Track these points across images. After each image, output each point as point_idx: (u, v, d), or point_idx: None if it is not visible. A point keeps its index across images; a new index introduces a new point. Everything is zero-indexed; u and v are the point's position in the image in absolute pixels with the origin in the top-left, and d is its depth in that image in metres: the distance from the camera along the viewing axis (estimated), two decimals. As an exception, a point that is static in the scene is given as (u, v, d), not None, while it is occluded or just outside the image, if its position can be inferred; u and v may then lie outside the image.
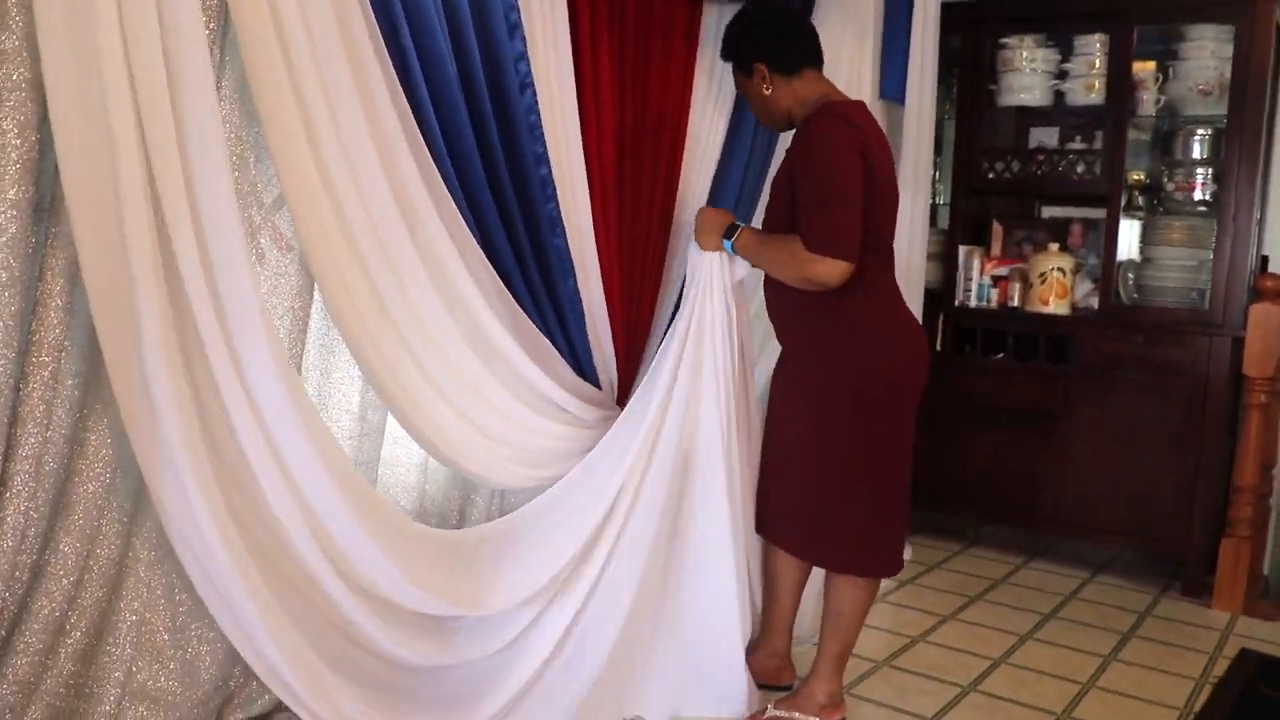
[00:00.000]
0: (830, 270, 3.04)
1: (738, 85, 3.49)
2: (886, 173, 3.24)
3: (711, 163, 3.80)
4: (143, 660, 2.57)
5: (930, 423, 5.19)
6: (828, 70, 3.76)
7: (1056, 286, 5.17)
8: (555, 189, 3.10)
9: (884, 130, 3.50)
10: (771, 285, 3.36)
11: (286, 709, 2.69)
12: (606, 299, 3.40)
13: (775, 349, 3.54)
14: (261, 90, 2.38)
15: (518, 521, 3.24)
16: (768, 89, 3.33)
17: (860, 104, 3.32)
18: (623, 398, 3.56)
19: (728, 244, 3.32)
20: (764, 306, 3.49)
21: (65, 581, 2.41)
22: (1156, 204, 5.24)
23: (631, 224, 3.51)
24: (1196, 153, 5.05)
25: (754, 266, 3.37)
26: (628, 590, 3.26)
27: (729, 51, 3.41)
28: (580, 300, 3.27)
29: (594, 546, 3.27)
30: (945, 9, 4.98)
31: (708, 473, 3.35)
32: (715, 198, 3.82)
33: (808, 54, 3.34)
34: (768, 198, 3.46)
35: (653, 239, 3.59)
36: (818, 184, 3.09)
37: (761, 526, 3.52)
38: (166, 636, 2.61)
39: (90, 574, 2.48)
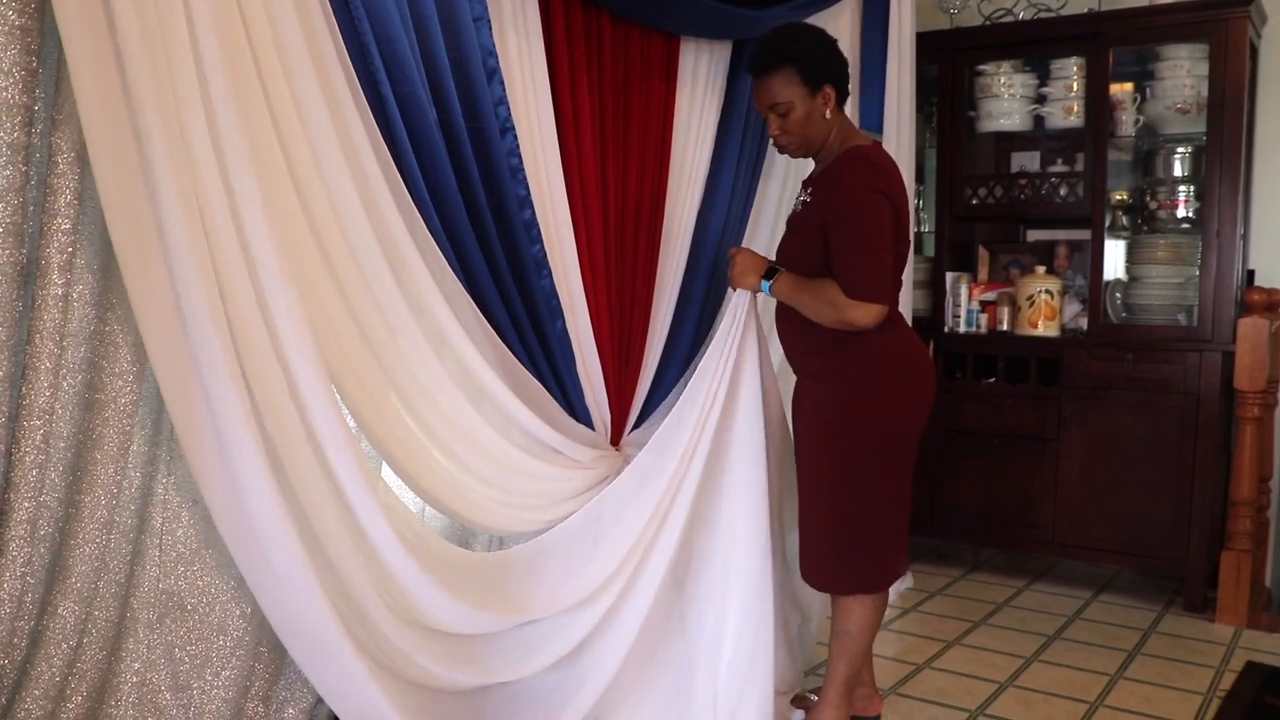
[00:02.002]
0: (869, 315, 3.11)
1: (784, 96, 3.26)
2: (904, 214, 3.30)
3: (695, 199, 3.82)
4: (145, 721, 2.56)
5: (924, 450, 5.18)
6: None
7: (1045, 309, 5.19)
8: (540, 231, 3.10)
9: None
10: (788, 315, 3.38)
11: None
12: (596, 338, 3.40)
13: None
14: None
15: (543, 545, 3.28)
16: (829, 114, 3.28)
17: (880, 147, 3.37)
18: (616, 437, 3.57)
19: (765, 285, 3.33)
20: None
21: (65, 646, 2.40)
22: (1140, 223, 5.26)
23: (618, 262, 3.52)
24: (1177, 171, 5.08)
25: (792, 306, 3.36)
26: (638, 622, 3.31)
27: (803, 62, 3.23)
28: (570, 341, 3.27)
29: (627, 569, 3.33)
30: (921, 38, 5.03)
31: (742, 500, 3.41)
32: (700, 234, 3.83)
33: (848, 92, 3.38)
34: (784, 237, 3.47)
35: (640, 277, 3.60)
36: (855, 232, 3.14)
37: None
38: (169, 696, 2.59)
39: (89, 637, 2.46)
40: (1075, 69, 5.16)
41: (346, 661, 2.59)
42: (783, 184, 4.26)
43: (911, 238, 3.44)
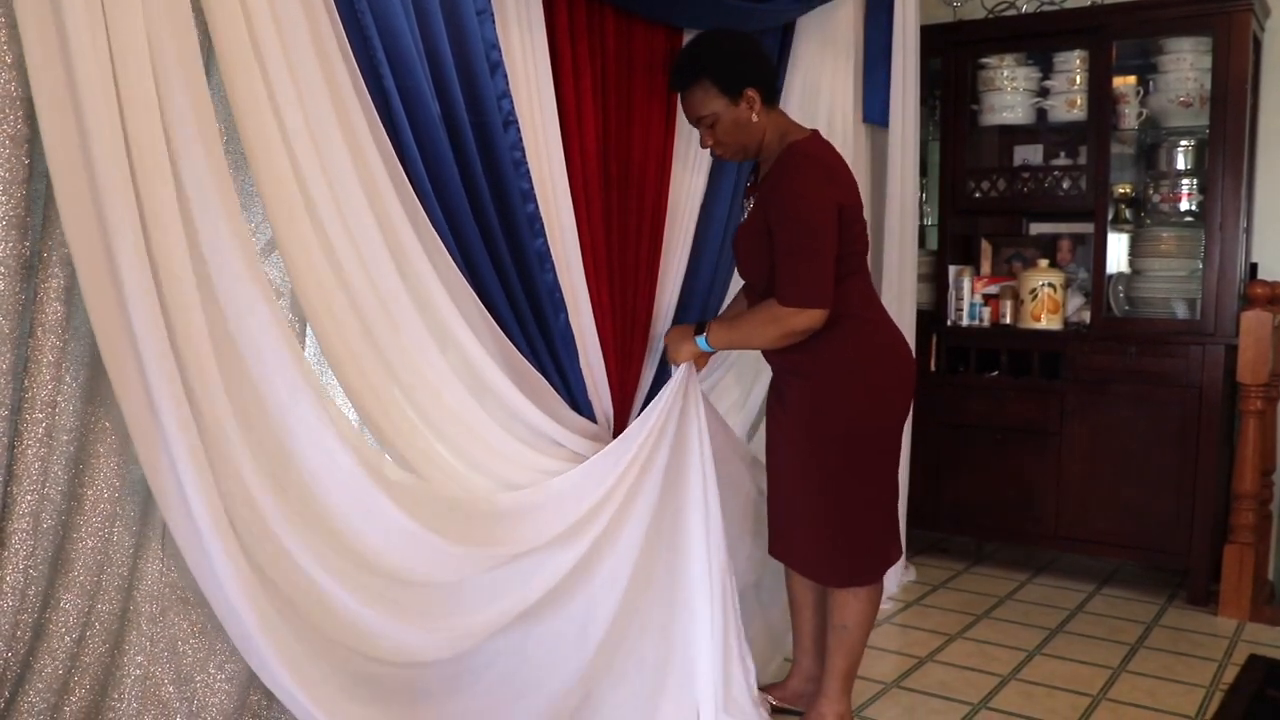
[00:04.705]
0: (810, 320, 3.15)
1: (707, 109, 3.28)
2: (855, 199, 3.30)
3: (699, 192, 3.81)
4: (148, 715, 2.54)
5: (926, 444, 5.20)
6: (809, 96, 3.76)
7: (1047, 302, 5.19)
8: (543, 224, 3.10)
9: (864, 150, 3.52)
10: None
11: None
12: (599, 332, 3.40)
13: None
14: (248, 133, 2.39)
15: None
16: (755, 117, 3.28)
17: (817, 135, 3.37)
18: (619, 431, 3.56)
19: (702, 342, 3.40)
20: None
21: (67, 639, 2.40)
22: (1143, 216, 5.26)
23: (620, 256, 3.51)
24: (1180, 164, 5.08)
25: (737, 349, 3.55)
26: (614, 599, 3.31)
27: (717, 72, 3.24)
28: (572, 334, 3.27)
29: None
30: (925, 31, 5.01)
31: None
32: (704, 227, 3.83)
33: (778, 87, 3.35)
34: (735, 246, 3.47)
35: (642, 270, 3.60)
36: (796, 235, 3.15)
37: (772, 548, 3.56)
38: (172, 689, 2.59)
39: (92, 630, 2.46)
40: (1078, 62, 5.16)
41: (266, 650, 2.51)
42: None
43: (867, 222, 3.43)
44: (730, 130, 3.30)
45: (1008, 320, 5.35)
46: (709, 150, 3.40)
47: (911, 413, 4.21)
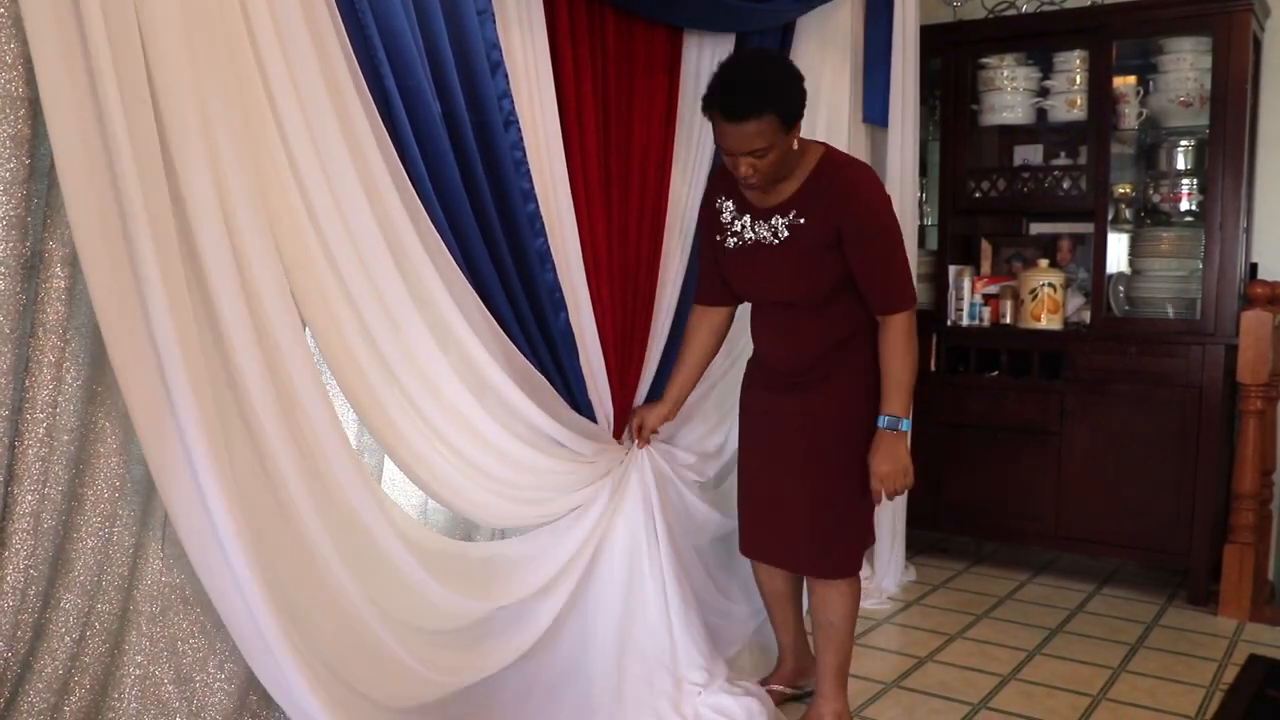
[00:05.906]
0: (914, 312, 3.33)
1: (764, 142, 3.01)
2: None
3: (699, 193, 3.81)
4: (148, 715, 2.54)
5: (926, 443, 5.20)
6: (809, 97, 3.76)
7: (1048, 302, 5.19)
8: (543, 224, 3.10)
9: (864, 151, 3.55)
10: (784, 329, 3.38)
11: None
12: (599, 332, 3.40)
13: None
14: (247, 133, 2.39)
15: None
16: (796, 144, 3.15)
17: (829, 145, 3.41)
18: (619, 431, 3.57)
19: (905, 425, 3.26)
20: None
21: (67, 639, 2.40)
22: (1143, 216, 5.26)
23: (621, 256, 3.51)
24: (1180, 164, 5.07)
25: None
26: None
27: (784, 107, 3.02)
28: (573, 334, 3.27)
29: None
30: (925, 31, 5.02)
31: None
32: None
33: None
34: (766, 264, 3.30)
35: (642, 270, 3.60)
36: (888, 244, 3.23)
37: (749, 549, 3.61)
38: (171, 689, 2.59)
39: (92, 630, 2.46)
40: (1078, 62, 5.16)
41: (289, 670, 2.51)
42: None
43: None
44: (777, 161, 3.08)
45: (1008, 320, 5.35)
46: (745, 181, 3.12)
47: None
